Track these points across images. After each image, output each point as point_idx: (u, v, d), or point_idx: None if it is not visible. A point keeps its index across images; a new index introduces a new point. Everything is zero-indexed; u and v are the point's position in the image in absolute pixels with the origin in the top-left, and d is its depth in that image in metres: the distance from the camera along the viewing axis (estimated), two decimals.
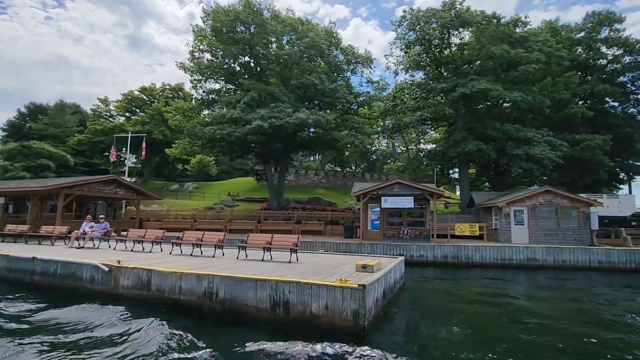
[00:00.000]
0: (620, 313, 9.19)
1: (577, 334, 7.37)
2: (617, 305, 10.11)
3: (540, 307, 9.46)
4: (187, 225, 27.14)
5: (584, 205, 19.86)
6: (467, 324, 7.86)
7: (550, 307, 9.76)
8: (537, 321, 8.03)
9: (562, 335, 7.16)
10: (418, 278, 14.33)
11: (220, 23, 26.52)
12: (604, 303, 10.44)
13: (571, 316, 8.97)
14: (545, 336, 7.04)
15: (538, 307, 9.43)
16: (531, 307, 9.50)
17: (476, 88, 22.18)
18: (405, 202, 18.18)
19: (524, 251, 16.62)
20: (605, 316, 8.97)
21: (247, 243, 11.01)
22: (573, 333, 7.46)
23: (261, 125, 21.91)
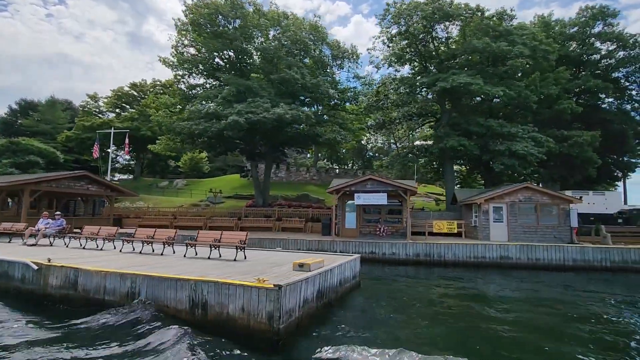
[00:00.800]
0: (575, 319, 8.81)
1: (525, 342, 6.99)
2: (577, 309, 9.72)
3: (500, 314, 9.03)
4: (166, 222, 26.81)
5: (564, 202, 19.43)
6: (411, 330, 7.45)
7: (510, 311, 9.38)
8: (492, 334, 7.57)
9: (516, 346, 6.78)
10: (383, 276, 13.95)
11: (200, 16, 26.04)
12: (562, 306, 10.05)
13: (525, 321, 8.59)
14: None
15: (497, 314, 9.00)
16: (489, 313, 9.07)
17: (456, 82, 21.70)
18: (378, 198, 17.78)
19: (497, 249, 16.22)
20: (556, 323, 8.58)
21: (197, 240, 10.64)
22: (524, 341, 7.07)
23: (237, 121, 21.48)
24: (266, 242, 19.32)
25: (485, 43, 22.22)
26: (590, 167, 30.66)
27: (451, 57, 26.60)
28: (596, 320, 8.41)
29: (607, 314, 8.99)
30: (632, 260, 15.20)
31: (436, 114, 30.22)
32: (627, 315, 9.07)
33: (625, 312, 9.33)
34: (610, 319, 8.64)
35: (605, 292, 11.56)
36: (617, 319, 8.67)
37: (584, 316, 8.74)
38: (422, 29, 25.81)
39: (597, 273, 15.03)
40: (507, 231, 19.62)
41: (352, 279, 10.17)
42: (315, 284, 7.49)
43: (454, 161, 27.83)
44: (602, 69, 43.15)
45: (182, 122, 23.89)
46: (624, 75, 43.35)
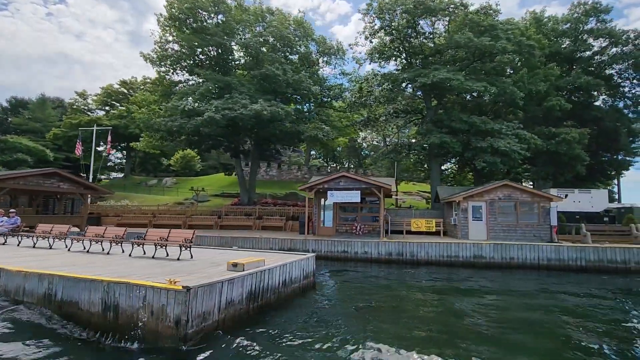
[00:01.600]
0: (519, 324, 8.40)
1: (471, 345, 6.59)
2: (529, 313, 9.32)
3: (454, 320, 8.64)
4: (145, 220, 26.42)
5: (544, 200, 19.00)
6: (357, 332, 7.03)
7: (469, 314, 8.98)
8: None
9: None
10: (350, 276, 13.55)
11: (180, 11, 25.62)
12: (518, 308, 9.65)
13: (474, 323, 8.18)
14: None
15: (450, 319, 8.60)
16: (441, 318, 8.68)
17: (437, 78, 21.26)
18: (351, 196, 17.37)
19: (470, 248, 15.81)
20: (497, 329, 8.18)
21: (145, 239, 10.24)
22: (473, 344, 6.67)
23: (213, 117, 21.08)
24: (239, 240, 18.93)
25: (467, 38, 21.77)
26: (579, 164, 30.18)
27: (436, 53, 26.16)
28: (543, 325, 8.02)
29: (555, 315, 8.59)
30: (607, 260, 14.78)
31: (422, 111, 29.79)
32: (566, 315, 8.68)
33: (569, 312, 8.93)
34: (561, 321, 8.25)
35: (567, 292, 11.16)
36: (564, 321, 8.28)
37: (533, 321, 8.35)
38: (406, 24, 25.36)
39: (572, 272, 14.62)
40: (486, 230, 19.21)
41: (302, 279, 9.76)
42: (246, 284, 7.09)
43: (439, 159, 27.36)
44: (595, 66, 42.71)
45: (158, 118, 23.47)
46: (617, 73, 42.90)
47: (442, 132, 24.34)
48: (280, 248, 17.95)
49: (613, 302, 10.10)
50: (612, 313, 8.97)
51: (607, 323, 8.05)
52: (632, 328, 7.93)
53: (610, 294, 11.09)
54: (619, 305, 9.82)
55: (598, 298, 10.51)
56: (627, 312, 9.18)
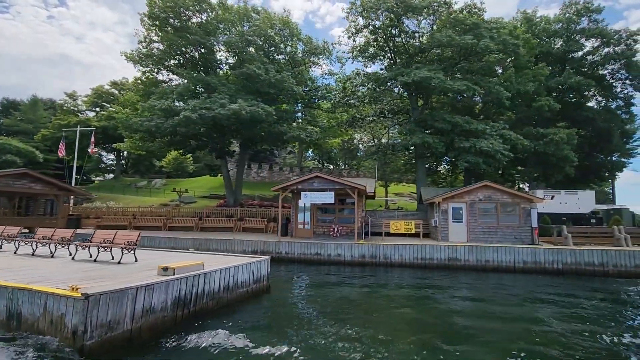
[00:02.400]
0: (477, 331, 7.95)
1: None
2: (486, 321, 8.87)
3: (408, 327, 8.19)
4: (126, 222, 25.98)
5: (525, 202, 18.56)
6: (301, 341, 6.59)
7: (429, 319, 8.54)
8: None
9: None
10: (315, 279, 13.09)
11: (160, 10, 25.25)
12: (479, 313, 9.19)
13: (433, 325, 7.74)
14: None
15: (405, 326, 8.15)
16: (402, 320, 8.22)
17: (417, 77, 20.85)
18: (325, 197, 16.94)
19: (445, 250, 15.36)
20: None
21: (92, 241, 9.81)
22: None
23: (189, 117, 20.66)
24: (212, 242, 18.49)
25: (448, 36, 21.39)
26: (567, 165, 29.73)
27: (420, 52, 25.77)
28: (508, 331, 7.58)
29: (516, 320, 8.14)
30: (585, 262, 14.32)
31: (408, 111, 29.39)
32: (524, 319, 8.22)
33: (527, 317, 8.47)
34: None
35: (536, 297, 10.71)
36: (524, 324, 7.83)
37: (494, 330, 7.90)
38: (389, 23, 24.99)
39: (549, 275, 14.16)
40: (467, 231, 18.78)
41: (252, 283, 9.32)
42: (172, 290, 6.66)
43: (424, 159, 26.92)
44: (588, 66, 42.38)
45: (135, 118, 23.09)
46: (609, 73, 42.53)
47: (426, 132, 23.94)
48: (253, 250, 17.52)
49: (584, 307, 9.65)
50: (583, 320, 8.52)
51: (575, 334, 7.61)
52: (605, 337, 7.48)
53: (584, 300, 10.62)
54: (591, 312, 9.36)
55: (569, 302, 10.06)
56: (599, 320, 8.73)
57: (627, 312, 9.29)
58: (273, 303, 9.37)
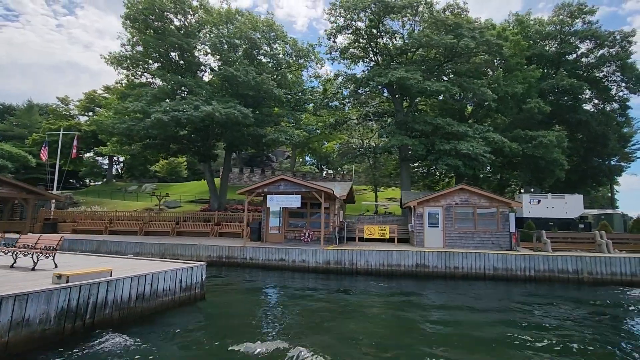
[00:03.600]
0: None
1: None
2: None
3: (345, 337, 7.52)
4: (102, 227, 25.51)
5: (503, 205, 17.81)
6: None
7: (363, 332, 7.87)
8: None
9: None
10: (262, 286, 12.44)
11: (136, 11, 24.99)
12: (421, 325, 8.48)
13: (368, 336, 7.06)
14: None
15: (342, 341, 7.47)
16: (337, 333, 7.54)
17: (394, 77, 20.28)
18: (291, 200, 16.32)
19: (412, 256, 14.64)
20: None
21: (16, 245, 9.27)
22: None
23: (160, 119, 20.21)
24: (178, 247, 17.89)
25: (425, 36, 20.83)
26: (557, 169, 28.85)
27: (402, 53, 25.22)
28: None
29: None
30: (558, 269, 13.54)
31: (393, 113, 28.80)
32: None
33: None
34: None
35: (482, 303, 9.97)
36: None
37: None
38: (370, 24, 24.50)
39: (520, 282, 13.39)
40: (443, 237, 18.05)
41: (180, 291, 8.70)
42: (59, 299, 6.06)
43: (407, 162, 26.23)
44: (583, 69, 41.64)
45: (107, 120, 22.72)
46: (605, 75, 41.73)
47: (407, 135, 23.31)
48: (218, 256, 16.93)
49: (537, 316, 8.90)
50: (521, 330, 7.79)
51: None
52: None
53: (538, 309, 9.87)
54: (539, 320, 8.62)
55: (523, 309, 9.31)
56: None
57: (582, 325, 8.53)
58: (202, 313, 8.73)
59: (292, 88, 30.77)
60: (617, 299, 11.19)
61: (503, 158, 31.86)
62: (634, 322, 8.90)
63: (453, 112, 32.92)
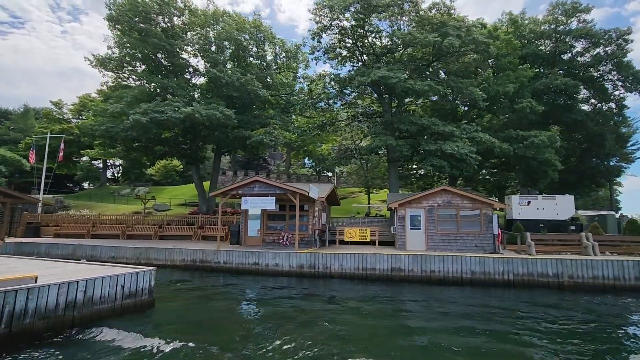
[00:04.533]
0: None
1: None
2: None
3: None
4: (84, 231, 25.16)
5: (486, 207, 17.27)
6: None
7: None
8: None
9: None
10: (221, 294, 11.96)
11: (119, 13, 24.77)
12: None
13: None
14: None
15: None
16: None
17: (376, 76, 19.83)
18: (266, 202, 15.87)
19: (387, 260, 14.12)
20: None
21: None
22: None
23: (138, 120, 19.88)
24: (152, 251, 17.49)
25: (408, 34, 20.40)
26: (550, 169, 28.21)
27: (388, 52, 24.80)
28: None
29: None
30: (538, 273, 12.97)
31: (381, 115, 28.35)
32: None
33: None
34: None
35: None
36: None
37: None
38: (355, 23, 24.10)
39: (499, 287, 12.83)
40: (425, 240, 17.52)
41: (123, 298, 8.26)
42: None
43: (395, 164, 25.71)
44: (578, 68, 41.04)
45: (86, 122, 22.44)
46: (601, 75, 41.11)
47: (395, 135, 22.84)
48: (192, 260, 16.49)
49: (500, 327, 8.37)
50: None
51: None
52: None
53: (518, 323, 9.34)
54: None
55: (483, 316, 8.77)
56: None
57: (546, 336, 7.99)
58: (147, 321, 8.28)
59: (279, 89, 30.43)
60: (594, 308, 10.62)
61: (495, 159, 31.33)
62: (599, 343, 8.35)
63: (445, 112, 32.44)
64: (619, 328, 8.42)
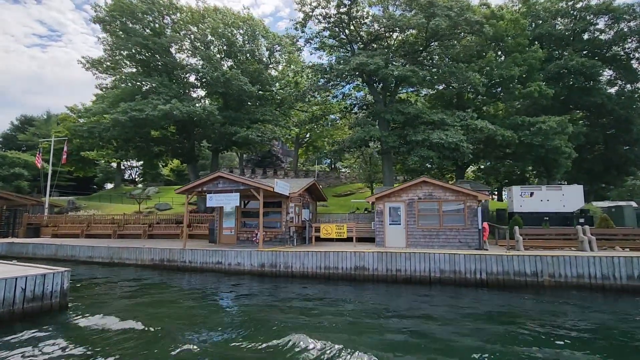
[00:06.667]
0: None
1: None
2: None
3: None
4: (78, 231, 25.63)
5: (471, 199, 15.86)
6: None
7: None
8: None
9: None
10: (164, 297, 11.40)
11: (105, 14, 24.93)
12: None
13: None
14: None
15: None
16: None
17: (355, 63, 18.73)
18: (230, 199, 15.24)
19: (351, 258, 13.13)
20: None
21: None
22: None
23: (117, 119, 19.83)
24: (124, 251, 17.31)
25: (390, 17, 19.11)
26: (561, 157, 25.92)
27: (375, 39, 23.54)
28: None
29: None
30: (514, 272, 11.58)
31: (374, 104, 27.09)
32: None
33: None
34: None
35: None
36: None
37: None
38: (340, 10, 23.01)
39: (471, 287, 11.57)
40: (405, 235, 16.36)
41: (25, 302, 7.83)
42: None
43: (388, 156, 24.43)
44: (600, 47, 37.81)
45: (70, 123, 22.71)
46: (626, 53, 37.68)
47: (385, 126, 21.64)
48: (160, 259, 16.17)
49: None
50: None
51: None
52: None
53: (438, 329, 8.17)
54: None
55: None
56: None
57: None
58: (52, 326, 7.81)
59: (270, 84, 29.75)
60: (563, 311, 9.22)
61: (502, 148, 29.23)
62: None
63: (447, 101, 30.65)
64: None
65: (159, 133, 27.14)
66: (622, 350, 6.50)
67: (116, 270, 16.08)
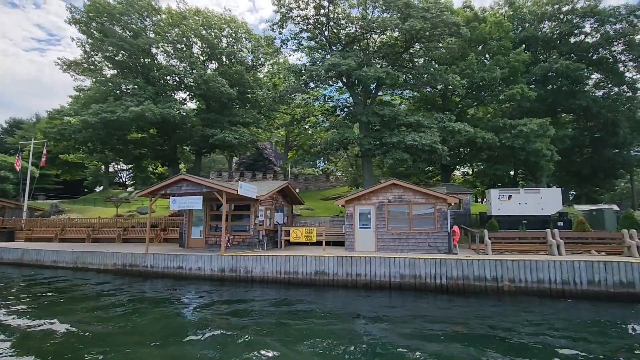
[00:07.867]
0: None
1: None
2: None
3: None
4: (52, 235, 25.15)
5: (441, 202, 15.53)
6: None
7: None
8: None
9: None
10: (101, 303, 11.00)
11: (82, 15, 24.64)
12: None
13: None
14: None
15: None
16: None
17: (326, 64, 18.48)
18: (193, 202, 14.89)
19: (311, 262, 12.76)
20: None
21: None
22: None
23: (86, 121, 19.48)
24: (87, 255, 16.88)
25: (361, 18, 18.88)
26: (542, 160, 25.68)
27: (352, 41, 23.30)
28: None
29: None
30: (474, 277, 11.24)
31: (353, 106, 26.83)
32: None
33: None
34: None
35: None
36: None
37: None
38: (318, 12, 22.80)
39: (430, 293, 11.21)
40: (375, 239, 16.00)
41: None
42: None
43: (367, 159, 24.13)
44: (587, 50, 37.76)
45: (42, 125, 22.34)
46: (612, 56, 37.63)
47: (365, 129, 21.36)
48: (123, 264, 15.75)
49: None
50: None
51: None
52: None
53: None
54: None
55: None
56: None
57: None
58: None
59: (252, 87, 29.47)
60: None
61: (483, 151, 28.98)
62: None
63: (433, 104, 30.43)
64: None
65: (139, 136, 26.74)
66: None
67: (78, 274, 15.65)
